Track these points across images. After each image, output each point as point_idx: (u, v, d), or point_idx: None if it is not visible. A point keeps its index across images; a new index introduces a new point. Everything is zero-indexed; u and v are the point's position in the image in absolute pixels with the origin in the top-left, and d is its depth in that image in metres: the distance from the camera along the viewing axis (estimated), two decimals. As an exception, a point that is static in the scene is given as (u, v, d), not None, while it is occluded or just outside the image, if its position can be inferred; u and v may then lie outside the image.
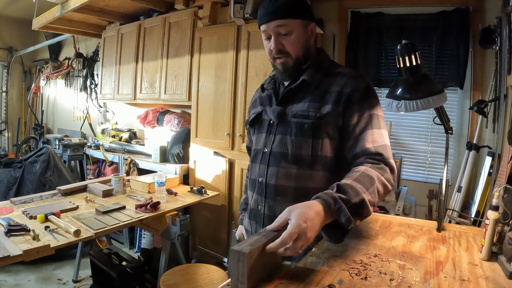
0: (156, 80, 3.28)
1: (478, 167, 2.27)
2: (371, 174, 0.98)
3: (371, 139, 1.06)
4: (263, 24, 1.14)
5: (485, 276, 0.82)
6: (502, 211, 0.91)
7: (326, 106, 1.10)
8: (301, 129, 1.12)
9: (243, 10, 2.47)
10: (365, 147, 1.06)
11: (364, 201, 0.91)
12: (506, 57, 1.79)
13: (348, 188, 0.90)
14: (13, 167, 3.19)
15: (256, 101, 1.33)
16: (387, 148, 1.07)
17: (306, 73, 1.15)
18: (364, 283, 0.77)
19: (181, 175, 2.90)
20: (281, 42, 1.13)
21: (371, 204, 0.93)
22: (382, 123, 1.10)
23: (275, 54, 1.15)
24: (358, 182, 0.94)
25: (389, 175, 1.03)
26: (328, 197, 0.87)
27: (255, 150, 1.26)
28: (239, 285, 0.73)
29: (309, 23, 1.16)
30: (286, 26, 1.11)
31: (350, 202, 0.88)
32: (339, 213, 0.86)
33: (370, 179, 0.96)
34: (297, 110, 1.14)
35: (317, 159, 1.11)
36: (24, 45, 5.28)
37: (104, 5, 3.31)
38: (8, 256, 1.38)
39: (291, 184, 1.13)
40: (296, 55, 1.14)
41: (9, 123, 5.68)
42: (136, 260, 2.47)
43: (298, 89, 1.16)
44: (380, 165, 1.02)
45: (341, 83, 1.11)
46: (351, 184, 0.92)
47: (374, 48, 2.64)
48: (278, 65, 1.17)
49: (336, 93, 1.10)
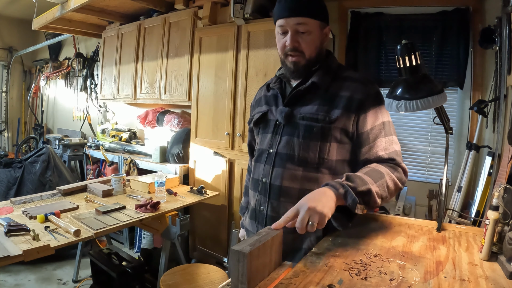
0: (156, 80, 3.28)
1: (478, 167, 2.27)
2: (381, 169, 1.04)
3: (383, 146, 1.11)
4: (282, 19, 1.12)
5: (485, 276, 0.82)
6: (502, 211, 0.91)
7: (336, 111, 1.11)
8: (309, 132, 1.12)
9: (243, 10, 2.47)
10: (378, 154, 1.11)
11: (371, 191, 0.97)
12: (506, 57, 1.79)
13: (356, 178, 0.98)
14: (13, 167, 3.19)
15: (261, 100, 1.31)
16: (397, 154, 1.12)
17: (316, 76, 1.15)
18: (364, 283, 0.77)
19: (181, 175, 2.90)
20: (297, 40, 1.12)
21: (378, 196, 0.99)
22: (393, 129, 1.16)
23: (288, 50, 1.14)
24: (367, 175, 1.01)
25: (401, 175, 1.10)
26: (336, 183, 0.96)
27: (260, 150, 1.25)
28: (239, 285, 0.73)
29: (325, 25, 1.16)
30: (306, 25, 1.10)
31: (356, 189, 0.95)
32: (345, 196, 0.93)
33: (380, 173, 1.03)
34: (305, 113, 1.14)
35: (323, 162, 1.12)
36: (24, 45, 5.28)
37: (104, 5, 3.31)
38: (8, 256, 1.38)
39: (296, 186, 1.13)
40: (309, 55, 1.14)
41: (9, 123, 5.68)
42: (136, 260, 2.47)
43: (307, 91, 1.16)
44: (392, 165, 1.09)
45: (351, 88, 1.12)
46: (360, 175, 0.99)
47: (374, 48, 2.64)
48: (289, 63, 1.16)
49: (346, 98, 1.11)
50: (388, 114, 1.16)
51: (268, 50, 2.44)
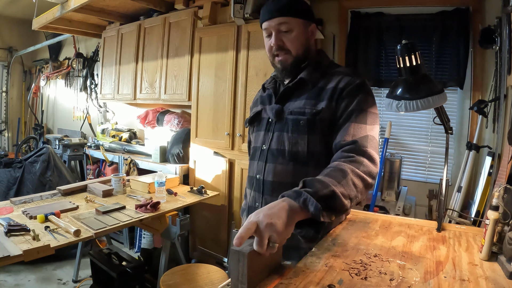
0: (156, 80, 3.28)
1: (478, 167, 2.27)
2: (343, 167, 0.93)
3: (352, 132, 1.04)
4: (265, 22, 1.16)
5: (485, 276, 0.82)
6: (502, 211, 0.91)
7: (322, 103, 1.12)
8: (297, 126, 1.13)
9: (243, 10, 2.47)
10: (343, 138, 1.04)
11: (335, 193, 0.85)
12: (506, 57, 1.79)
13: (314, 182, 0.86)
14: (13, 167, 3.18)
15: (257, 101, 1.35)
16: (366, 138, 1.03)
17: (304, 72, 1.17)
18: (364, 283, 0.77)
19: (181, 175, 2.90)
20: (281, 38, 1.15)
21: (345, 197, 0.87)
22: (370, 119, 1.07)
23: (275, 50, 1.17)
24: (328, 176, 0.90)
25: (368, 167, 0.97)
26: (293, 193, 0.84)
27: (254, 148, 1.28)
28: (239, 285, 0.73)
29: (309, 23, 1.18)
30: (287, 23, 1.13)
31: (317, 194, 0.82)
32: (305, 204, 0.81)
33: (342, 172, 0.92)
34: (293, 108, 1.16)
35: (313, 155, 1.12)
36: (24, 45, 5.28)
37: (104, 5, 3.31)
38: (8, 256, 1.38)
39: (288, 181, 1.14)
40: (296, 52, 1.16)
41: (9, 123, 5.68)
42: (136, 260, 2.47)
43: (296, 88, 1.18)
44: (353, 158, 0.98)
45: (336, 80, 1.13)
46: (319, 179, 0.88)
47: (374, 48, 2.64)
48: (277, 63, 1.19)
49: (331, 90, 1.12)
50: (372, 106, 1.10)
51: (268, 50, 2.44)
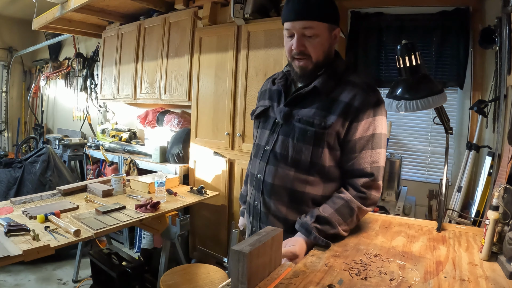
0: (156, 80, 3.28)
1: (478, 167, 2.27)
2: (353, 206, 1.08)
3: (369, 159, 1.10)
4: (288, 22, 1.10)
5: (485, 276, 0.82)
6: (502, 211, 0.91)
7: (332, 116, 1.09)
8: (303, 135, 1.12)
9: (243, 10, 2.47)
10: (362, 167, 1.11)
11: (339, 233, 1.05)
12: (506, 57, 1.78)
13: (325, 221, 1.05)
14: (13, 167, 3.18)
15: (266, 93, 1.31)
16: (380, 170, 1.13)
17: (319, 80, 1.13)
18: (364, 283, 0.77)
19: (181, 175, 2.90)
20: (303, 43, 1.09)
21: (346, 231, 1.07)
22: (383, 141, 1.13)
23: (295, 54, 1.12)
24: (337, 213, 1.06)
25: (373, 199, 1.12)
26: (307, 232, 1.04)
27: (258, 146, 1.27)
28: (239, 285, 0.73)
29: (334, 27, 1.13)
30: (313, 28, 1.07)
31: (325, 233, 1.03)
32: (316, 240, 1.02)
33: (351, 210, 1.08)
34: (302, 115, 1.13)
35: (315, 166, 1.12)
36: (24, 45, 5.28)
37: (104, 5, 3.31)
38: (8, 256, 1.38)
39: (287, 186, 1.14)
40: (316, 59, 1.12)
41: (9, 123, 5.68)
42: (136, 260, 2.47)
43: (308, 94, 1.15)
44: (365, 195, 1.10)
45: (351, 95, 1.10)
46: (329, 218, 1.05)
47: (374, 48, 2.64)
48: (296, 67, 1.15)
49: (344, 105, 1.09)
50: (384, 126, 1.14)
51: (268, 50, 2.44)
